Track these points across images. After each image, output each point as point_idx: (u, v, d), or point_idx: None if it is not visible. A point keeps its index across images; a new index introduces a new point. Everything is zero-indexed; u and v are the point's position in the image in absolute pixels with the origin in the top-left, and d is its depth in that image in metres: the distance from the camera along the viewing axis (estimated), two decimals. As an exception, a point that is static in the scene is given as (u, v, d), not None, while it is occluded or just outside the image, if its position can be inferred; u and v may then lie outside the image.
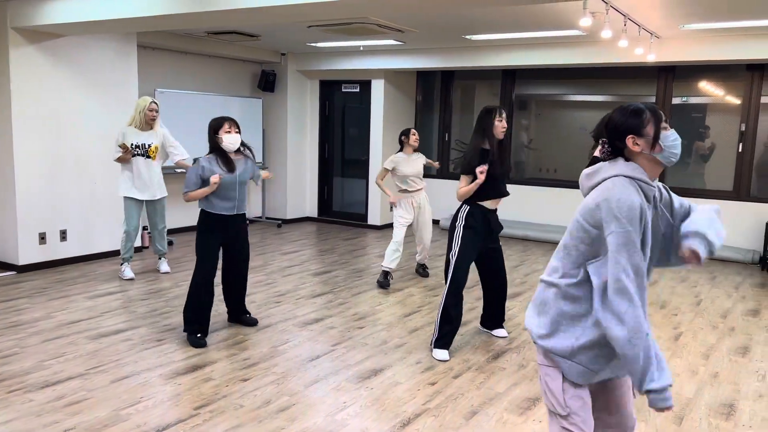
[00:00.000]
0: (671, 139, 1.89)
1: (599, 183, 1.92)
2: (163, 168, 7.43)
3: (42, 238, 5.99)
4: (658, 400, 1.78)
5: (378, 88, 8.72)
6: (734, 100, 7.37)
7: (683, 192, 7.59)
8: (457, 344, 4.26)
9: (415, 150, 5.86)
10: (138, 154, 5.51)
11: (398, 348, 4.18)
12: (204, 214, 4.19)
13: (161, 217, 5.80)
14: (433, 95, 9.41)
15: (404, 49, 8.07)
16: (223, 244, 4.30)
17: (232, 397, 3.37)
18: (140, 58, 7.34)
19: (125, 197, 5.56)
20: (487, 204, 4.06)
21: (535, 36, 6.74)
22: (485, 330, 4.55)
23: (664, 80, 7.67)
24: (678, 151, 1.91)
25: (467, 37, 6.95)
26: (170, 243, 7.38)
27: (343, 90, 9.25)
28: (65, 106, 6.06)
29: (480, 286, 5.70)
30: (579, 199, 8.15)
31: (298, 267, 6.43)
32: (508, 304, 5.25)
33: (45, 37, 5.84)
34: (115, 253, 6.54)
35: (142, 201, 5.62)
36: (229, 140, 4.10)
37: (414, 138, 5.79)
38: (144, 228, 7.14)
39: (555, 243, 8.06)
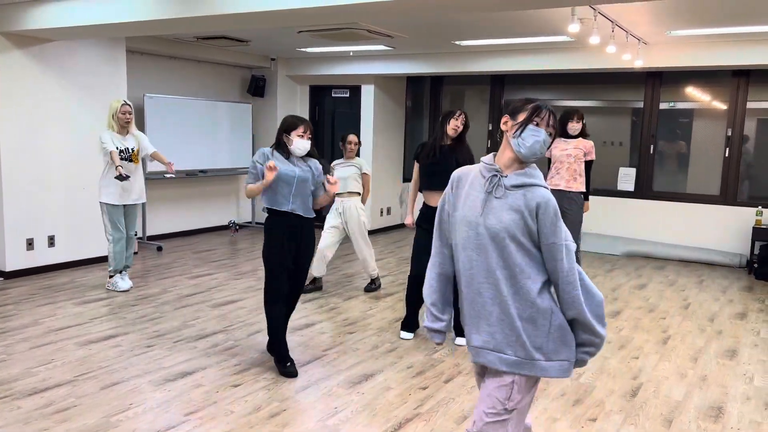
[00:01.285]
0: (531, 133, 2.00)
1: None
2: (151, 173, 7.44)
3: (29, 243, 5.94)
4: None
5: (368, 94, 8.74)
6: (721, 106, 7.45)
7: (670, 197, 7.66)
8: (449, 348, 4.27)
9: (356, 155, 5.70)
10: (122, 159, 5.35)
11: (389, 353, 4.18)
12: (268, 214, 3.77)
13: (133, 223, 5.60)
14: (423, 100, 9.43)
15: (394, 54, 8.10)
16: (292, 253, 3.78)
17: (222, 403, 3.36)
18: (129, 63, 7.32)
19: (108, 204, 5.35)
20: (436, 197, 4.30)
21: (523, 42, 6.78)
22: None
23: (652, 86, 7.75)
24: (528, 144, 1.99)
25: (456, 42, 6.98)
26: (159, 248, 7.34)
27: (333, 95, 9.25)
28: (53, 111, 6.02)
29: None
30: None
31: (289, 272, 6.41)
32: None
33: (33, 41, 5.80)
34: (103, 259, 6.49)
35: (123, 206, 5.47)
36: (299, 145, 3.69)
37: (348, 146, 5.62)
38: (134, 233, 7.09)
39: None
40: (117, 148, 5.31)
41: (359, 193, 5.64)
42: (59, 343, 4.20)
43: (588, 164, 5.58)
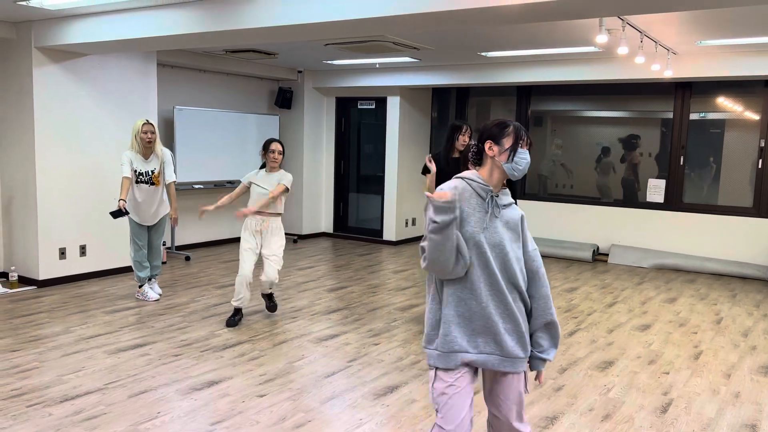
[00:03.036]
0: (521, 156, 2.16)
1: None
2: (180, 184, 7.55)
3: (62, 253, 6.07)
4: None
5: (393, 105, 8.77)
6: (753, 116, 7.31)
7: (701, 209, 7.52)
8: (474, 361, 4.24)
9: (279, 168, 4.94)
10: (141, 182, 5.34)
11: (414, 365, 4.16)
12: None
13: (160, 235, 5.64)
14: (449, 112, 9.44)
15: (420, 66, 8.13)
16: None
17: (248, 413, 3.38)
18: (159, 76, 7.46)
19: (131, 219, 5.42)
20: None
21: (551, 53, 6.75)
22: None
23: (682, 96, 7.64)
24: (522, 167, 2.16)
25: (483, 54, 6.98)
26: (187, 258, 7.44)
27: (359, 107, 9.31)
28: (86, 123, 6.17)
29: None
30: (596, 215, 8.11)
31: (314, 282, 6.45)
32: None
33: (67, 56, 5.96)
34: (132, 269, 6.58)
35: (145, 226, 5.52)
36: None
37: (272, 156, 4.84)
38: (162, 243, 7.20)
39: (572, 259, 8.01)
40: (136, 171, 5.30)
41: (281, 214, 4.98)
42: (90, 351, 4.27)
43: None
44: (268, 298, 5.16)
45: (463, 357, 2.15)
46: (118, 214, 5.11)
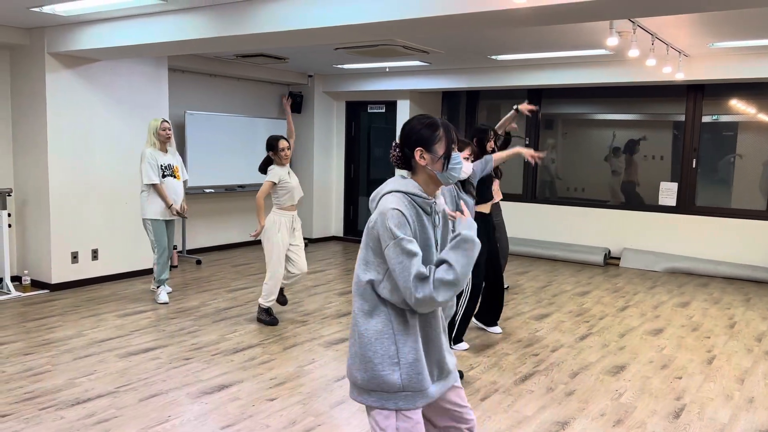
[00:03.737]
0: (456, 161, 1.92)
1: (378, 201, 1.94)
2: (191, 188, 7.59)
3: (74, 257, 6.11)
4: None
5: (403, 109, 8.78)
6: (766, 118, 7.24)
7: (714, 212, 7.46)
8: (485, 366, 4.22)
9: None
10: (167, 175, 5.54)
11: (424, 369, 4.15)
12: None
13: (173, 237, 5.78)
14: (459, 115, 9.42)
15: (429, 69, 8.12)
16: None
17: (258, 416, 3.38)
18: (171, 80, 7.51)
19: (152, 220, 5.49)
20: (483, 208, 4.52)
21: (561, 55, 6.73)
22: (481, 325, 5.00)
23: (694, 99, 7.58)
24: (457, 174, 1.92)
25: (493, 57, 6.97)
26: (198, 262, 7.47)
27: (369, 111, 9.32)
28: (99, 128, 6.21)
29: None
30: (608, 219, 8.06)
31: (324, 286, 6.45)
32: (536, 325, 5.20)
33: (80, 62, 6.01)
34: (144, 272, 6.63)
35: (165, 221, 5.59)
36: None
37: (283, 154, 4.94)
38: (173, 247, 7.24)
39: (583, 263, 7.96)
40: (160, 165, 5.48)
41: None
42: (101, 354, 4.29)
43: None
44: (281, 291, 5.27)
45: (430, 391, 1.93)
46: (180, 215, 5.58)
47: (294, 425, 3.28)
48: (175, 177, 5.61)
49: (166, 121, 5.55)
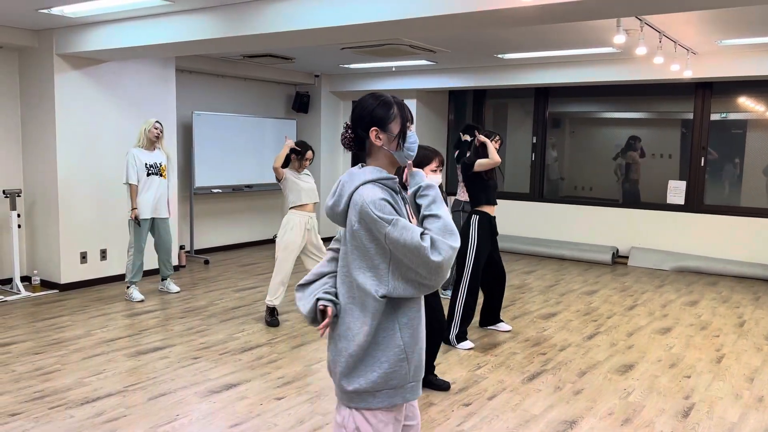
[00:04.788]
0: (411, 139, 1.87)
1: (347, 203, 1.83)
2: (198, 188, 7.61)
3: (83, 257, 6.15)
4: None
5: (410, 108, 8.76)
6: (775, 116, 7.20)
7: (723, 210, 7.41)
8: (492, 365, 4.22)
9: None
10: (152, 174, 5.61)
11: (432, 368, 4.15)
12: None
13: (167, 236, 5.81)
14: (466, 114, 9.41)
15: (436, 68, 8.12)
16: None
17: (266, 415, 3.39)
18: (178, 81, 7.54)
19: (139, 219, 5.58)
20: (488, 209, 4.64)
21: (568, 54, 6.71)
22: (491, 328, 5.00)
23: (702, 96, 7.54)
24: (413, 152, 1.87)
25: (499, 56, 6.96)
26: (206, 262, 7.49)
27: (376, 110, 9.31)
28: (107, 129, 6.25)
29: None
30: (615, 218, 8.03)
31: (332, 286, 6.45)
32: (543, 324, 5.19)
33: (88, 62, 6.04)
34: (152, 272, 6.65)
35: (150, 219, 5.66)
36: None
37: (305, 163, 5.04)
38: (181, 247, 7.27)
39: (590, 262, 7.94)
40: (146, 164, 5.56)
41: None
42: (110, 354, 4.32)
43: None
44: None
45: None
46: (137, 222, 5.54)
47: (302, 424, 3.29)
48: (161, 176, 5.68)
49: (159, 123, 5.66)
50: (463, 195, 5.81)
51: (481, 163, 4.58)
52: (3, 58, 6.00)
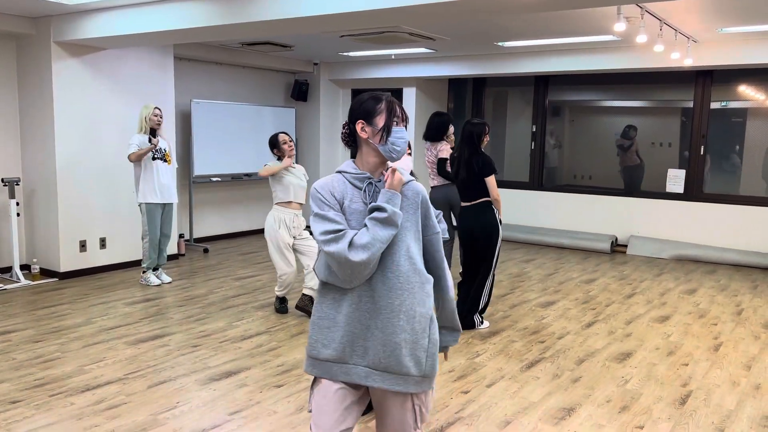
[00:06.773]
0: (397, 135, 1.91)
1: None
2: (198, 177, 7.61)
3: (82, 245, 6.15)
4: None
5: (409, 96, 8.75)
6: (776, 104, 7.18)
7: (722, 199, 7.42)
8: (491, 353, 4.23)
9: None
10: (156, 158, 5.61)
11: (431, 356, 4.16)
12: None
13: (170, 223, 5.87)
14: (465, 102, 9.39)
15: (436, 56, 8.09)
16: None
17: (266, 403, 3.41)
18: (176, 69, 7.51)
19: (148, 203, 5.61)
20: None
21: (568, 42, 6.68)
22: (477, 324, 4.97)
23: (702, 85, 7.52)
24: (400, 148, 1.91)
25: (499, 44, 6.93)
26: (206, 250, 7.50)
27: (375, 98, 9.28)
28: (105, 117, 6.23)
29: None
30: (614, 206, 8.03)
31: (331, 274, 6.46)
32: (542, 312, 5.21)
33: (86, 50, 6.01)
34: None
35: (161, 205, 5.71)
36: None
37: (286, 147, 4.85)
38: (181, 235, 7.28)
39: (590, 251, 7.95)
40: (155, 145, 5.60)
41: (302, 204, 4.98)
42: (110, 342, 4.33)
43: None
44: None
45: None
46: (152, 142, 5.54)
47: (301, 411, 3.31)
48: (166, 161, 5.70)
49: (158, 109, 5.66)
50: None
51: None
52: (0, 46, 5.97)
